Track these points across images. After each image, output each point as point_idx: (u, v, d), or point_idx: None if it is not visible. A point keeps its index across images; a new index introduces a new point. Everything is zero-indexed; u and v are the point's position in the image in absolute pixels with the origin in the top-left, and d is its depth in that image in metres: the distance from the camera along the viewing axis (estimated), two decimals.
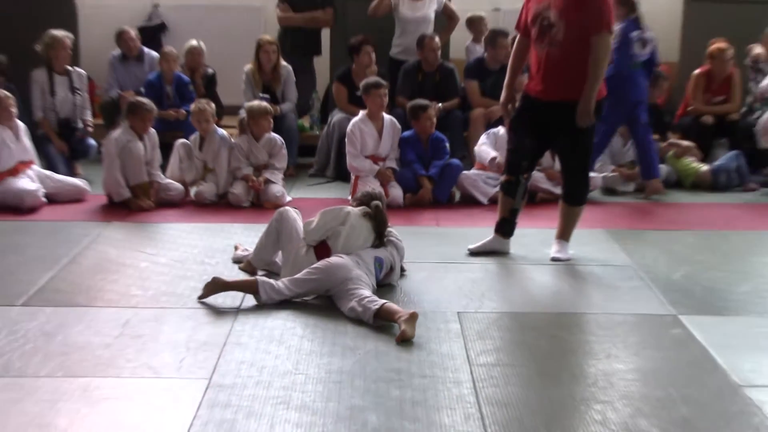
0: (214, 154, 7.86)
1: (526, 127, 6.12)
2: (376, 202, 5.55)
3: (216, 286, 5.14)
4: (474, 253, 6.26)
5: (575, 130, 5.95)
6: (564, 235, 6.31)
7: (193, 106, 8.09)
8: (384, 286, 5.42)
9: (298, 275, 5.21)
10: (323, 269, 5.17)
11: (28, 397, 3.92)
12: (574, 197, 6.26)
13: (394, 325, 4.74)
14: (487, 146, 8.08)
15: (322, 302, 5.14)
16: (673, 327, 4.94)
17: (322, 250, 5.37)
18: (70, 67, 8.79)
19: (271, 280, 5.16)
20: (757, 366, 4.40)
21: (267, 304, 5.04)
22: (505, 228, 6.33)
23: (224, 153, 7.85)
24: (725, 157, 8.88)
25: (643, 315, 5.14)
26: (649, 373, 4.33)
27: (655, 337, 4.81)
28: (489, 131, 8.30)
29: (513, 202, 6.25)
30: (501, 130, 7.93)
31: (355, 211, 5.50)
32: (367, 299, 4.89)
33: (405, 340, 4.61)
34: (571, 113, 5.89)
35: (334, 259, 5.22)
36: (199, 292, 5.24)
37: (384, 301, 4.89)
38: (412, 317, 4.71)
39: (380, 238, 5.51)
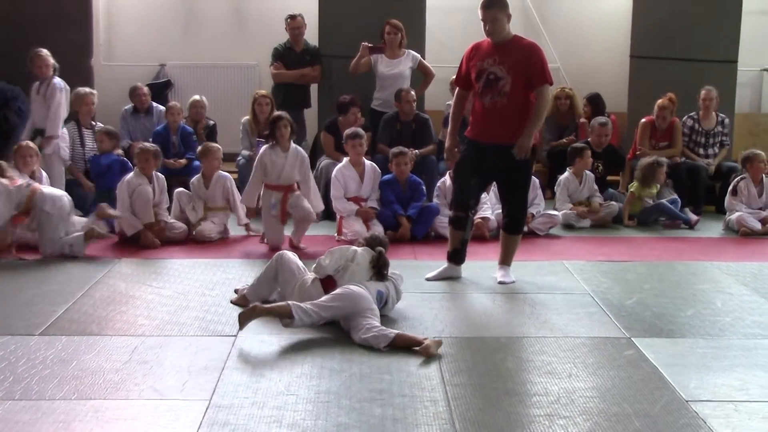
0: (221, 193, 7.92)
1: (471, 169, 6.26)
2: (380, 248, 5.50)
3: (254, 312, 4.90)
4: (431, 279, 6.34)
5: (518, 169, 6.15)
6: (506, 260, 6.46)
7: (202, 147, 8.13)
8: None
9: (322, 301, 5.07)
10: (348, 296, 5.07)
11: (45, 418, 3.86)
12: (515, 227, 6.40)
13: (378, 350, 4.74)
14: (440, 202, 8.07)
15: (312, 329, 5.08)
16: (626, 348, 4.92)
17: (327, 282, 5.30)
18: (94, 123, 8.87)
19: (301, 304, 4.99)
20: (701, 383, 4.39)
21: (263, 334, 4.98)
22: (458, 257, 6.46)
23: (230, 191, 7.98)
24: (653, 205, 8.89)
25: (600, 338, 5.12)
26: (606, 390, 4.30)
27: (610, 358, 4.78)
28: (438, 184, 8.29)
29: (463, 234, 6.41)
30: (447, 180, 7.95)
31: (361, 251, 5.44)
32: (379, 329, 4.87)
33: (428, 356, 4.66)
34: (512, 155, 6.07)
35: (356, 289, 5.14)
36: (201, 322, 5.20)
37: (396, 331, 4.90)
38: (437, 345, 4.76)
39: (380, 276, 5.44)
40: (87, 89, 8.85)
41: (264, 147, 7.59)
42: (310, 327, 5.03)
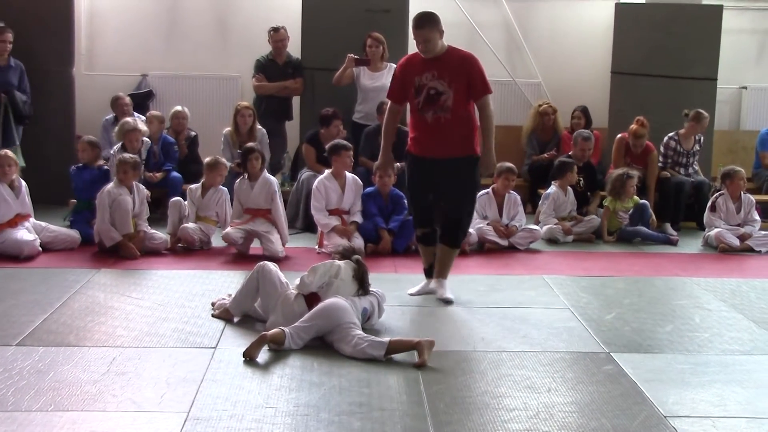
0: (214, 205, 7.94)
1: (425, 185, 6.22)
2: (357, 256, 5.51)
3: (262, 342, 4.85)
4: (413, 295, 6.29)
5: (464, 182, 6.11)
6: (444, 273, 6.33)
7: (211, 159, 8.08)
8: None
9: (303, 323, 5.04)
10: (327, 311, 5.06)
11: (21, 429, 3.83)
12: (455, 240, 6.34)
13: (360, 364, 4.74)
14: None
15: None
16: (605, 363, 4.94)
17: (311, 298, 5.27)
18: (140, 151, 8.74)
19: (292, 332, 4.95)
20: (679, 398, 4.41)
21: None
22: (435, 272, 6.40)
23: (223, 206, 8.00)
24: (632, 230, 8.89)
25: (580, 353, 5.14)
26: (585, 405, 4.31)
27: (590, 373, 4.80)
28: None
29: (434, 249, 6.35)
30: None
31: (344, 266, 5.42)
32: (371, 338, 4.89)
33: (421, 366, 4.73)
34: (461, 167, 6.05)
35: (335, 301, 5.13)
36: (180, 334, 5.20)
37: (388, 338, 4.94)
38: (431, 344, 4.86)
39: (363, 287, 5.42)
40: (132, 124, 8.63)
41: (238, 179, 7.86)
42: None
